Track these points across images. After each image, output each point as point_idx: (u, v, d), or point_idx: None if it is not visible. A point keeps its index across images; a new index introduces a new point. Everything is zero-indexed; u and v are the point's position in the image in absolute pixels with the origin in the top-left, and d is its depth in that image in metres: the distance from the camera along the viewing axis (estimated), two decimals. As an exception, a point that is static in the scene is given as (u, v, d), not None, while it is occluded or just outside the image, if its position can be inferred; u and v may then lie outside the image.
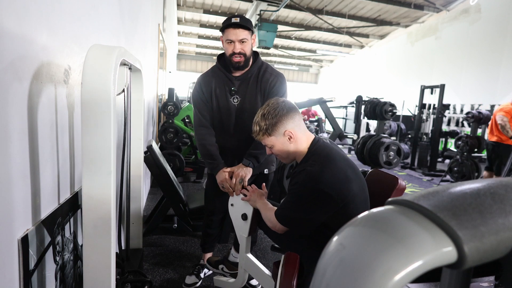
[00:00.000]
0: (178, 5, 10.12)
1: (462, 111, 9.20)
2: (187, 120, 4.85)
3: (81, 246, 1.23)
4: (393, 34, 12.56)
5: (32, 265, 0.88)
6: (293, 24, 12.01)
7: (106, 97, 0.90)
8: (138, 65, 1.47)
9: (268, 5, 8.48)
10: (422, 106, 6.48)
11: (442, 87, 5.84)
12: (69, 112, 1.13)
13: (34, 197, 0.90)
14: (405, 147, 5.98)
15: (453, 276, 0.31)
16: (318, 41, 13.99)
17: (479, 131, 6.81)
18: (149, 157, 2.35)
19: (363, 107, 5.46)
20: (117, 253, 1.52)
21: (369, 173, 1.58)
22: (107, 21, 1.53)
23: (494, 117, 4.14)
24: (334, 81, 18.00)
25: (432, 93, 6.29)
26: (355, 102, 6.08)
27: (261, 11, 8.42)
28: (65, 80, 1.08)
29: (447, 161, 7.64)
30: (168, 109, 4.23)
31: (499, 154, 4.19)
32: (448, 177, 5.28)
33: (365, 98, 5.61)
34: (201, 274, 1.98)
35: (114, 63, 0.91)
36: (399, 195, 1.37)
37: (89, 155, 0.92)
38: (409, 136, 7.43)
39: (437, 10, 9.93)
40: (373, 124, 8.89)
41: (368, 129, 9.62)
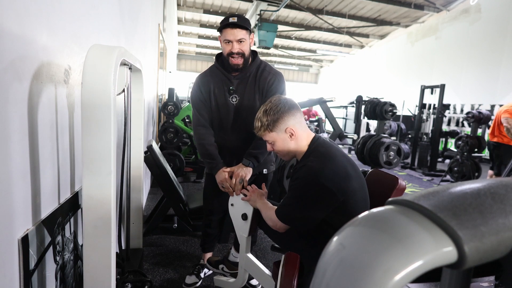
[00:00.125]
0: (178, 5, 10.12)
1: (462, 111, 9.21)
2: (187, 120, 4.85)
3: (81, 246, 1.23)
4: (393, 34, 12.56)
5: (32, 265, 0.88)
6: (293, 24, 12.01)
7: (106, 97, 0.90)
8: (138, 65, 1.47)
9: (268, 5, 8.49)
10: (422, 106, 6.48)
11: (442, 87, 5.84)
12: (69, 112, 1.13)
13: (34, 197, 0.90)
14: (405, 147, 5.98)
15: (453, 276, 0.31)
16: (318, 41, 13.99)
17: (479, 131, 6.82)
18: (149, 157, 2.35)
19: (363, 107, 5.46)
20: (117, 253, 1.52)
21: (369, 173, 1.58)
22: (107, 21, 1.53)
23: (497, 118, 4.07)
24: (334, 81, 18.00)
25: (432, 93, 6.29)
26: (355, 102, 6.08)
27: (261, 11, 8.43)
28: (65, 80, 1.08)
29: (447, 161, 7.64)
30: (168, 109, 4.23)
31: (499, 154, 4.21)
32: (448, 177, 5.28)
33: (365, 98, 5.61)
34: (201, 274, 1.98)
35: (114, 63, 0.91)
36: (399, 195, 1.37)
37: (89, 155, 0.92)
38: (409, 136, 7.43)
39: (437, 10, 9.93)
40: (373, 124, 8.89)
41: (368, 129, 9.63)
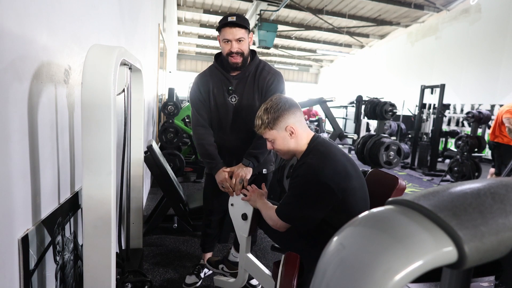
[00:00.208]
0: (178, 5, 10.12)
1: (462, 111, 9.21)
2: (187, 120, 4.85)
3: (81, 246, 1.23)
4: (393, 34, 12.56)
5: (32, 265, 0.88)
6: (293, 24, 12.01)
7: (106, 97, 0.90)
8: (138, 65, 1.47)
9: (268, 5, 8.49)
10: (422, 106, 6.48)
11: (442, 87, 5.84)
12: (69, 112, 1.13)
13: (34, 197, 0.90)
14: (405, 147, 5.97)
15: (453, 276, 0.31)
16: (318, 41, 13.98)
17: (479, 131, 6.81)
18: (149, 157, 2.35)
19: (363, 107, 5.46)
20: (117, 253, 1.52)
21: (369, 173, 1.58)
22: (107, 21, 1.53)
23: (498, 118, 4.07)
24: (334, 81, 17.99)
25: (432, 93, 6.29)
26: (355, 102, 6.08)
27: (261, 11, 8.42)
28: (65, 80, 1.08)
29: (447, 161, 7.64)
30: (168, 109, 4.23)
31: (500, 154, 4.23)
32: (448, 177, 5.27)
33: (365, 98, 5.61)
34: (201, 274, 1.98)
35: (114, 63, 0.91)
36: (399, 195, 1.37)
37: (89, 155, 0.92)
38: (409, 136, 7.43)
39: (437, 10, 9.93)
40: (373, 124, 8.89)
41: (368, 129, 9.63)
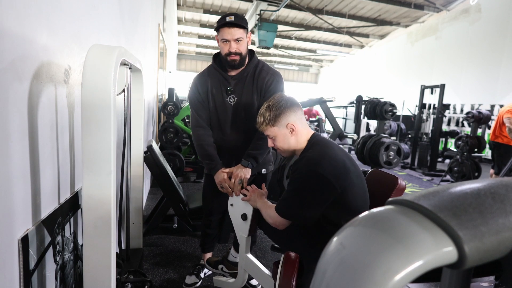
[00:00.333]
0: (178, 5, 10.12)
1: (462, 111, 9.22)
2: (187, 120, 4.85)
3: (81, 246, 1.23)
4: (393, 34, 12.55)
5: (32, 265, 0.88)
6: (293, 24, 12.01)
7: (106, 97, 0.90)
8: (138, 65, 1.47)
9: (268, 5, 8.48)
10: (422, 106, 6.48)
11: (442, 87, 5.84)
12: (69, 112, 1.13)
13: (34, 197, 0.90)
14: (405, 147, 5.97)
15: (453, 276, 0.31)
16: (318, 41, 13.98)
17: (479, 131, 6.81)
18: (149, 157, 2.35)
19: (363, 107, 5.46)
20: (117, 253, 1.52)
21: (369, 173, 1.58)
22: (107, 21, 1.53)
23: (499, 118, 4.09)
24: (334, 81, 17.99)
25: (432, 93, 6.29)
26: (355, 102, 6.08)
27: (261, 11, 8.42)
28: (65, 80, 1.08)
29: (447, 161, 7.64)
30: (168, 109, 4.23)
31: (499, 154, 4.24)
32: (448, 177, 5.27)
33: (365, 98, 5.61)
34: (201, 274, 1.98)
35: (114, 63, 0.91)
36: (399, 195, 1.37)
37: (89, 155, 0.92)
38: (409, 136, 7.42)
39: (437, 10, 9.93)
40: (373, 124, 8.89)
41: (368, 129, 9.62)
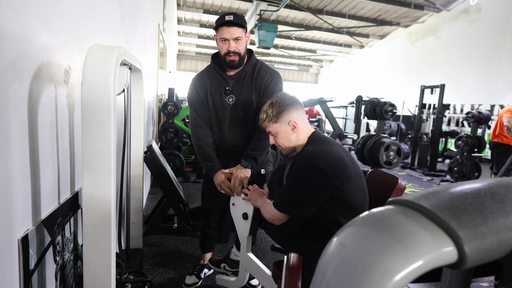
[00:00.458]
0: (178, 5, 10.11)
1: (462, 111, 9.22)
2: (187, 120, 4.85)
3: (81, 246, 1.23)
4: (393, 34, 12.55)
5: (32, 265, 0.88)
6: (293, 24, 12.00)
7: (106, 97, 0.90)
8: (138, 65, 1.47)
9: (268, 5, 8.48)
10: (422, 106, 6.48)
11: (442, 87, 5.84)
12: (69, 112, 1.13)
13: (34, 197, 0.90)
14: (405, 147, 5.97)
15: (453, 276, 0.31)
16: (318, 41, 13.98)
17: (479, 131, 6.81)
18: (149, 157, 2.35)
19: (363, 107, 5.46)
20: (117, 253, 1.52)
21: (369, 173, 1.58)
22: (107, 21, 1.53)
23: (499, 118, 4.13)
24: (334, 81, 17.99)
25: (432, 93, 6.29)
26: (355, 102, 6.07)
27: (261, 11, 8.41)
28: (65, 80, 1.08)
29: (447, 161, 7.63)
30: (168, 109, 4.23)
31: (499, 153, 4.26)
32: (448, 177, 5.27)
33: (365, 98, 5.60)
34: (201, 274, 1.98)
35: (114, 63, 0.91)
36: (399, 195, 1.37)
37: (89, 155, 0.92)
38: (409, 136, 7.42)
39: (437, 10, 9.93)
40: (373, 124, 8.89)
41: (368, 129, 9.63)
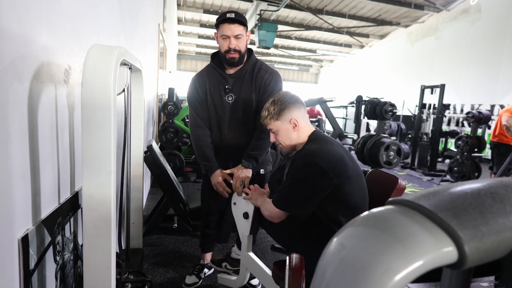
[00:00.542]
0: (178, 5, 10.11)
1: (462, 111, 9.22)
2: (187, 120, 4.85)
3: (81, 246, 1.23)
4: (393, 34, 12.55)
5: (32, 265, 0.88)
6: (293, 24, 12.00)
7: (106, 97, 0.90)
8: (138, 65, 1.47)
9: (268, 5, 8.48)
10: (422, 106, 6.47)
11: (442, 87, 5.84)
12: (69, 112, 1.13)
13: (34, 197, 0.90)
14: (405, 147, 5.97)
15: (453, 276, 0.31)
16: (318, 41, 13.98)
17: (479, 131, 6.81)
18: (149, 157, 2.35)
19: (363, 107, 5.46)
20: (117, 253, 1.52)
21: (369, 173, 1.58)
22: (107, 21, 1.53)
23: (499, 118, 4.17)
24: (334, 81, 17.98)
25: (432, 93, 6.29)
26: (355, 102, 6.07)
27: (261, 11, 8.41)
28: (65, 80, 1.08)
29: (447, 161, 7.63)
30: (168, 109, 4.23)
31: (499, 153, 4.27)
32: (448, 177, 5.27)
33: (365, 98, 5.60)
34: (201, 274, 1.98)
35: (114, 63, 0.91)
36: (399, 195, 1.37)
37: (89, 155, 0.92)
38: (409, 136, 7.42)
39: (437, 10, 9.93)
40: (373, 124, 8.89)
41: (368, 129, 9.63)
